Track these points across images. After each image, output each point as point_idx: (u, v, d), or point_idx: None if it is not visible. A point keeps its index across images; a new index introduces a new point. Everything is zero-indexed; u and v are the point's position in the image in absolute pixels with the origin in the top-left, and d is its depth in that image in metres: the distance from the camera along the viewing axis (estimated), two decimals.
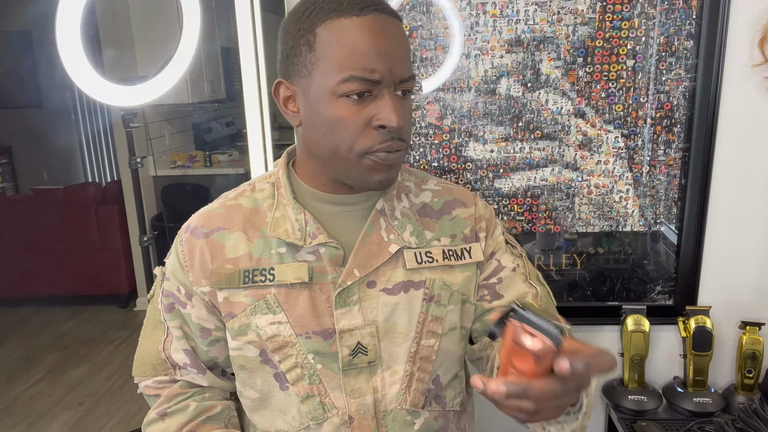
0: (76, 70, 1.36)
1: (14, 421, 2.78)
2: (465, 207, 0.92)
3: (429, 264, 0.86)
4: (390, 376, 0.84)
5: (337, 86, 0.72)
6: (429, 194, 0.91)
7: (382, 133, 0.74)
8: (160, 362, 0.89)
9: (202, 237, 0.84)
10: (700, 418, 1.31)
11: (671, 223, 1.39)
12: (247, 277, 0.82)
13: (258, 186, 0.89)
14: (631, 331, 1.36)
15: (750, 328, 1.35)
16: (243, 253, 0.83)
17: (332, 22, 0.72)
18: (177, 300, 0.87)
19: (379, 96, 0.73)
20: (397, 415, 0.84)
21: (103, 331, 3.69)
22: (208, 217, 0.86)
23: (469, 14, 1.29)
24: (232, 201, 0.88)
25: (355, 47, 0.71)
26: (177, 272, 0.86)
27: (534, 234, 1.41)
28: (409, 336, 0.84)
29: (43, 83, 5.35)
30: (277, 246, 0.83)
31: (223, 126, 5.17)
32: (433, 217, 0.89)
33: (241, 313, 0.83)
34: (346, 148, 0.75)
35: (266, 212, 0.85)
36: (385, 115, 0.73)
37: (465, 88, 1.33)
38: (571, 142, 1.35)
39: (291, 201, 0.84)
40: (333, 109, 0.74)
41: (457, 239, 0.89)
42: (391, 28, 0.74)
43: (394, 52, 0.73)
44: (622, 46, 1.29)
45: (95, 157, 5.89)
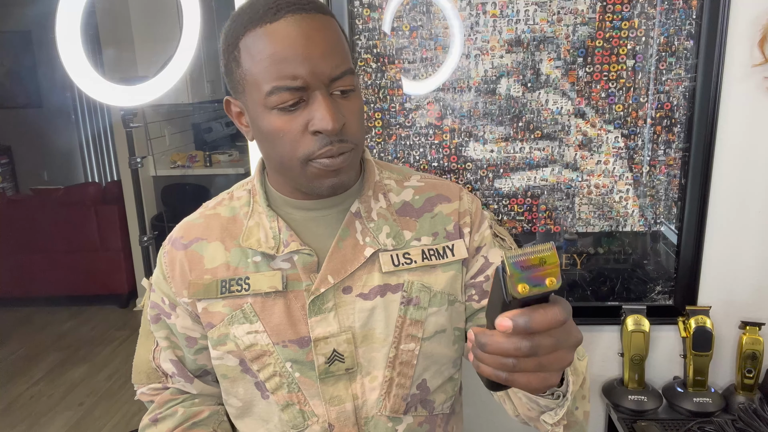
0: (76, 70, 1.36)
1: (14, 421, 2.78)
2: (448, 202, 0.88)
3: (407, 266, 0.83)
4: (369, 382, 0.82)
5: (266, 100, 0.70)
6: (410, 192, 0.88)
7: (320, 138, 0.72)
8: (152, 371, 0.92)
9: (182, 248, 0.85)
10: (700, 418, 1.31)
11: (671, 223, 1.39)
12: (224, 287, 0.82)
13: (236, 194, 0.89)
14: (631, 331, 1.36)
15: (750, 328, 1.35)
16: (221, 263, 0.83)
17: (250, 33, 0.70)
18: (162, 311, 0.88)
19: (311, 100, 0.70)
20: (378, 421, 0.83)
21: (103, 331, 3.69)
22: (187, 228, 0.87)
23: (469, 14, 1.29)
24: (210, 210, 0.88)
25: (273, 56, 0.68)
26: (161, 284, 0.87)
27: (534, 234, 1.41)
28: (387, 341, 0.82)
29: (43, 83, 5.35)
30: (252, 255, 0.82)
31: (223, 126, 5.17)
32: (413, 216, 0.86)
33: (219, 323, 0.83)
34: (288, 158, 0.74)
35: (243, 220, 0.85)
36: (318, 120, 0.70)
37: (465, 88, 1.33)
38: (571, 142, 1.35)
39: (265, 209, 0.83)
40: (268, 121, 0.72)
41: (439, 237, 0.86)
42: (309, 26, 0.69)
43: (314, 53, 0.69)
44: (622, 46, 1.29)
45: (95, 157, 5.89)
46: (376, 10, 1.29)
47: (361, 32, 1.30)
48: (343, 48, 0.73)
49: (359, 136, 0.75)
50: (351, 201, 0.84)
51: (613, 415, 1.38)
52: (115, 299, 4.01)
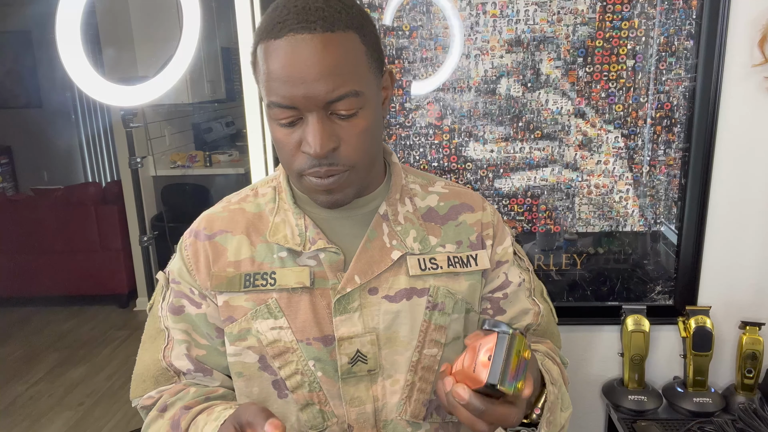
0: (76, 70, 1.36)
1: (14, 421, 2.78)
2: (472, 212, 0.88)
3: (433, 271, 0.83)
4: (390, 385, 0.82)
5: (267, 111, 0.73)
6: (435, 197, 0.88)
7: (309, 158, 0.72)
8: (161, 372, 0.84)
9: (205, 239, 0.83)
10: (700, 418, 1.31)
11: (671, 223, 1.39)
12: (248, 281, 0.81)
13: (260, 190, 0.87)
14: (631, 331, 1.36)
15: (750, 328, 1.35)
16: (245, 256, 0.82)
17: (262, 44, 0.71)
18: (191, 301, 0.84)
19: (306, 120, 0.70)
20: (398, 425, 0.83)
21: (103, 331, 3.70)
22: (210, 220, 0.85)
23: (469, 14, 1.29)
24: (235, 205, 0.86)
25: (271, 74, 0.69)
26: (185, 276, 0.84)
27: (534, 234, 1.41)
28: (411, 345, 0.82)
29: (43, 83, 5.35)
30: (278, 251, 0.81)
31: (223, 126, 5.17)
32: (438, 222, 0.86)
33: (241, 318, 0.81)
34: (287, 167, 0.76)
35: (269, 217, 0.84)
36: (306, 141, 0.70)
37: (465, 88, 1.33)
38: (571, 142, 1.35)
39: (291, 206, 0.83)
40: (273, 130, 0.74)
41: (462, 246, 0.86)
42: (308, 48, 0.67)
43: (308, 76, 0.67)
44: (622, 46, 1.29)
45: (95, 157, 5.89)
46: (376, 10, 1.29)
47: None
48: (347, 69, 0.69)
49: (356, 157, 0.73)
50: (377, 203, 0.84)
51: (613, 415, 1.38)
52: (115, 299, 4.01)
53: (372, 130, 0.74)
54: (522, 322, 0.93)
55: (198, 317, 0.84)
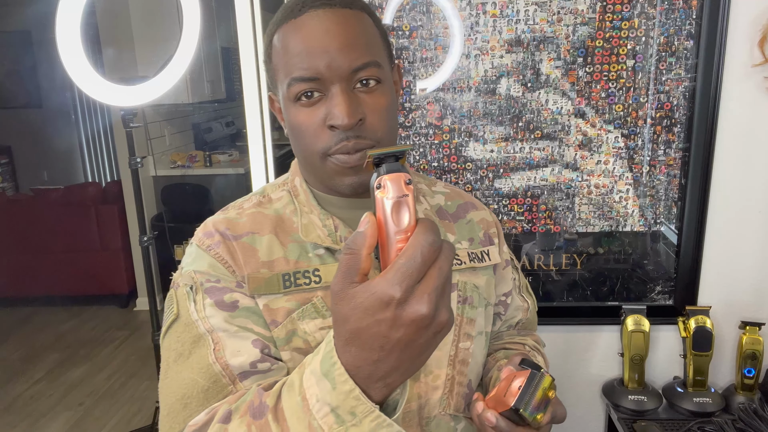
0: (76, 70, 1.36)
1: (14, 421, 2.78)
2: (476, 210, 0.92)
3: (458, 266, 0.84)
4: (432, 381, 0.82)
5: (288, 92, 0.72)
6: (441, 197, 0.90)
7: (337, 133, 0.71)
8: (212, 382, 0.71)
9: (233, 240, 0.79)
10: (700, 418, 1.31)
11: (671, 223, 1.39)
12: (288, 281, 0.77)
13: (273, 195, 0.85)
14: (631, 331, 1.36)
15: (750, 328, 1.35)
16: (278, 256, 0.78)
17: (280, 30, 0.72)
18: (243, 294, 0.76)
19: (329, 94, 0.70)
20: (441, 421, 0.83)
21: (103, 331, 3.70)
22: (230, 223, 0.80)
23: (469, 14, 1.29)
24: (252, 209, 0.82)
25: (293, 50, 0.70)
26: (223, 272, 0.77)
27: (534, 234, 1.41)
28: (448, 339, 0.82)
29: (43, 83, 5.35)
30: (314, 249, 0.79)
31: (223, 126, 5.17)
32: (450, 220, 0.88)
33: (285, 320, 0.76)
34: (310, 153, 0.74)
35: (291, 218, 0.81)
36: (332, 114, 0.69)
37: (465, 88, 1.33)
38: (571, 142, 1.35)
39: (316, 207, 0.80)
40: (292, 115, 0.73)
41: (474, 242, 0.88)
42: (330, 20, 0.70)
43: (331, 46, 0.69)
44: (622, 46, 1.29)
45: (95, 157, 5.89)
46: (376, 10, 1.29)
47: None
48: (366, 41, 0.72)
49: (381, 132, 0.73)
50: None
51: (613, 415, 1.38)
52: (115, 299, 4.00)
53: (393, 108, 0.75)
54: (515, 318, 0.98)
55: (256, 308, 0.76)
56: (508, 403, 0.66)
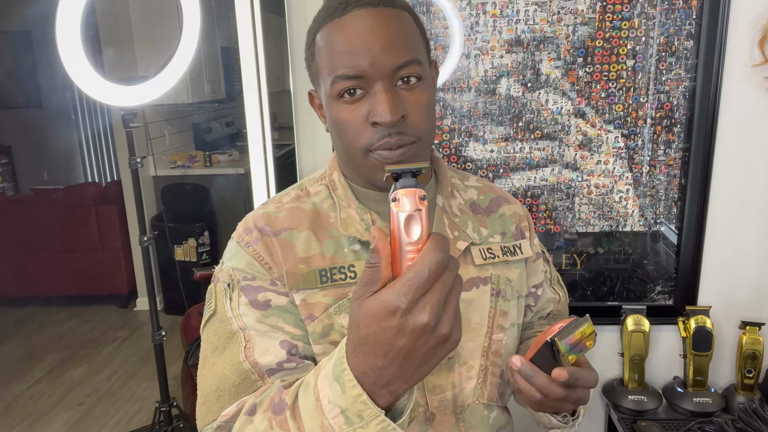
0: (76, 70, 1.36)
1: (14, 421, 2.78)
2: (508, 204, 0.94)
3: (492, 260, 0.87)
4: (466, 372, 0.84)
5: (331, 89, 0.73)
6: (474, 191, 0.92)
7: (379, 129, 0.72)
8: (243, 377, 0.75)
9: (272, 236, 0.81)
10: (700, 418, 1.31)
11: (671, 223, 1.39)
12: (325, 276, 0.79)
13: (311, 189, 0.87)
14: (631, 331, 1.36)
15: (750, 328, 1.35)
16: (315, 252, 0.81)
17: (324, 28, 0.74)
18: (277, 293, 0.79)
19: (372, 91, 0.72)
20: (475, 409, 0.85)
21: (103, 331, 3.70)
22: (270, 219, 0.83)
23: (469, 14, 1.29)
24: (290, 204, 0.85)
25: (337, 48, 0.72)
26: (259, 270, 0.80)
27: None
28: (482, 331, 0.85)
29: (43, 83, 5.35)
30: (349, 244, 0.81)
31: (223, 126, 5.17)
32: (483, 214, 0.90)
33: (322, 314, 0.79)
34: (352, 149, 0.76)
35: (328, 213, 0.83)
36: (375, 111, 0.71)
37: (465, 88, 1.33)
38: (571, 142, 1.35)
39: (354, 201, 0.83)
40: (335, 111, 0.75)
41: (507, 236, 0.91)
42: (374, 19, 0.72)
43: (375, 45, 0.71)
44: (622, 46, 1.29)
45: (95, 157, 5.89)
46: None
47: None
48: (409, 40, 0.75)
49: (423, 128, 0.75)
50: (431, 195, 0.87)
51: (613, 415, 1.38)
52: (115, 299, 4.00)
53: (432, 105, 0.78)
54: (546, 309, 1.01)
55: (289, 306, 0.80)
56: (546, 338, 0.66)
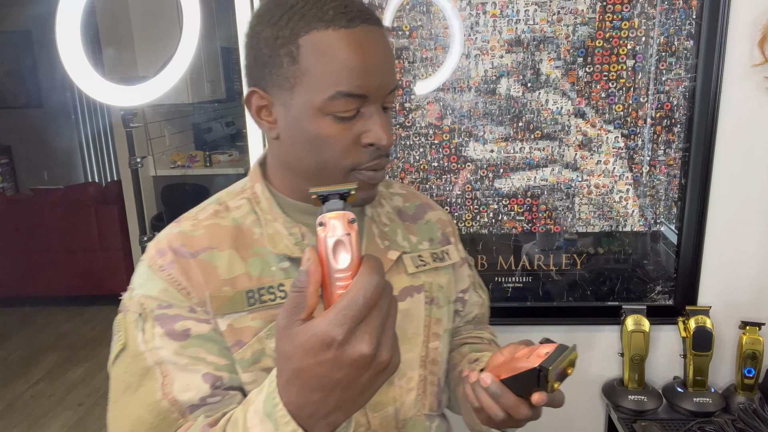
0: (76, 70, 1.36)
1: (14, 421, 2.78)
2: (433, 210, 0.93)
3: (423, 267, 0.86)
4: (406, 384, 0.82)
5: (325, 104, 0.68)
6: (399, 198, 0.91)
7: (371, 151, 0.71)
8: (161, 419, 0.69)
9: (190, 257, 0.74)
10: (700, 418, 1.31)
11: (671, 223, 1.39)
12: (253, 298, 0.74)
13: (231, 204, 0.80)
14: (631, 331, 1.36)
15: (750, 328, 1.35)
16: (240, 273, 0.75)
17: (318, 33, 0.67)
18: (197, 320, 0.73)
19: (367, 113, 0.70)
20: (417, 422, 0.83)
21: (103, 331, 3.70)
22: (186, 238, 0.75)
23: (469, 14, 1.29)
24: (209, 221, 0.78)
25: (344, 63, 0.67)
26: (176, 297, 0.73)
27: (534, 234, 1.41)
28: (419, 341, 0.83)
29: (43, 83, 5.35)
30: (277, 262, 0.76)
31: (223, 126, 5.17)
32: (410, 221, 0.89)
33: (252, 339, 0.73)
34: (333, 166, 0.72)
35: (251, 229, 0.77)
36: (376, 134, 0.70)
37: (465, 88, 1.33)
38: (571, 142, 1.35)
39: (281, 215, 0.78)
40: (319, 126, 0.69)
41: (434, 243, 0.90)
42: (378, 40, 0.70)
43: (382, 67, 0.70)
44: (622, 46, 1.29)
45: (95, 157, 5.89)
46: (376, 10, 1.29)
47: None
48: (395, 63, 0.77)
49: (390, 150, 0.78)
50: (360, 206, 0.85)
51: (613, 415, 1.38)
52: (115, 299, 3.96)
53: None
54: (472, 313, 1.01)
55: (211, 334, 0.73)
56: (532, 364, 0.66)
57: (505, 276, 1.44)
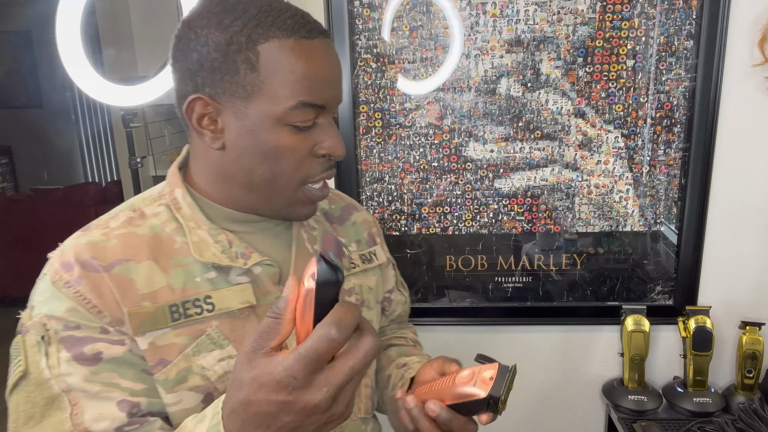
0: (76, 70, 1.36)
1: None
2: (358, 211, 0.94)
3: (353, 270, 0.86)
4: None
5: (286, 113, 0.67)
6: (325, 201, 0.91)
7: (323, 161, 0.72)
8: None
9: (102, 271, 0.67)
10: (700, 418, 1.31)
11: (671, 223, 1.39)
12: (177, 312, 0.69)
13: (147, 211, 0.75)
14: (631, 331, 1.36)
15: (750, 328, 1.35)
16: (161, 285, 0.69)
17: (279, 42, 0.66)
18: (110, 341, 0.66)
19: (321, 124, 0.71)
20: (353, 426, 0.83)
21: None
22: (96, 249, 0.69)
23: (469, 14, 1.29)
24: (122, 229, 0.72)
25: (306, 73, 0.67)
26: (85, 317, 0.66)
27: (534, 234, 1.41)
28: None
29: (43, 83, 5.35)
30: (203, 272, 0.71)
31: None
32: (337, 224, 0.89)
33: (177, 357, 0.68)
34: (286, 178, 0.70)
35: (172, 237, 0.72)
36: (330, 144, 0.71)
37: (465, 88, 1.33)
38: (571, 142, 1.35)
39: (205, 222, 0.73)
40: (277, 137, 0.68)
41: (362, 244, 0.90)
42: (332, 53, 0.71)
43: (336, 78, 0.72)
44: (622, 46, 1.29)
45: (95, 157, 5.89)
46: (376, 10, 1.29)
47: (361, 32, 1.30)
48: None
49: None
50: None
51: (613, 415, 1.38)
52: None
53: None
54: (396, 312, 1.02)
55: (127, 356, 0.67)
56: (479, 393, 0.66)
57: (505, 276, 1.44)
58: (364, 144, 1.37)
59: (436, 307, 1.46)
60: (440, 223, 1.41)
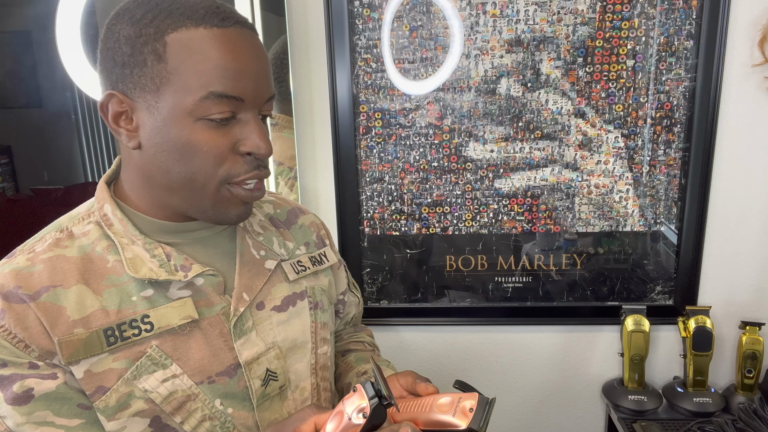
0: (76, 70, 1.36)
1: None
2: (304, 214, 0.92)
3: (303, 273, 0.84)
4: (300, 395, 0.81)
5: (197, 105, 0.63)
6: (270, 205, 0.89)
7: (249, 160, 0.68)
8: None
9: (28, 300, 0.64)
10: (700, 418, 1.31)
11: (671, 223, 1.39)
12: (113, 336, 0.66)
13: (75, 230, 0.72)
14: (631, 331, 1.36)
15: (750, 328, 1.35)
16: (94, 309, 0.66)
17: (188, 31, 0.63)
18: (40, 376, 0.64)
19: (244, 119, 0.66)
20: None
21: None
22: (21, 278, 0.65)
23: (469, 14, 1.29)
24: (49, 253, 0.68)
25: (217, 62, 0.63)
26: (12, 352, 0.63)
27: (534, 234, 1.41)
28: (308, 348, 0.82)
29: (43, 83, 5.34)
30: (139, 290, 0.68)
31: None
32: (284, 227, 0.87)
33: (116, 383, 0.66)
34: (205, 177, 0.66)
35: (104, 257, 0.69)
36: (253, 142, 0.66)
37: (465, 88, 1.33)
38: (571, 142, 1.35)
39: (139, 237, 0.70)
40: (190, 131, 0.64)
41: (311, 246, 0.89)
42: (253, 44, 0.67)
43: (257, 71, 0.66)
44: (622, 46, 1.29)
45: (95, 157, 5.89)
46: (376, 10, 1.29)
47: (361, 32, 1.30)
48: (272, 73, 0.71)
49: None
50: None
51: (613, 415, 1.38)
52: None
53: None
54: (350, 314, 1.01)
55: (61, 390, 0.65)
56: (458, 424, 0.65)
57: (505, 276, 1.44)
58: (364, 144, 1.37)
59: (436, 307, 1.46)
60: (440, 223, 1.41)
